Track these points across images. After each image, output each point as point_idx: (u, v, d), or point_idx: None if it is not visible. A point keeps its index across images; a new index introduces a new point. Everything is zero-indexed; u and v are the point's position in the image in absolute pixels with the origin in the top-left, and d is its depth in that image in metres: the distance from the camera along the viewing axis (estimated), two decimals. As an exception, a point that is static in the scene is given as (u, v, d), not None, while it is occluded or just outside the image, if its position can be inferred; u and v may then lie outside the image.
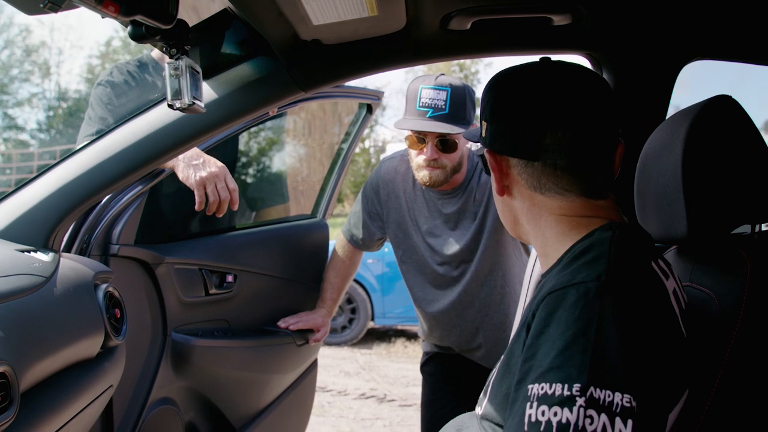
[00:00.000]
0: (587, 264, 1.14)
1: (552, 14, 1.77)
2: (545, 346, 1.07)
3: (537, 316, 1.13)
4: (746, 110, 1.38)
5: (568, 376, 1.02)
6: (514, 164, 1.32)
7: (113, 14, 1.24)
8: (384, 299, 9.23)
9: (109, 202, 2.25)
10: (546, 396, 1.02)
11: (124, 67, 2.84)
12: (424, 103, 2.57)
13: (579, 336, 1.04)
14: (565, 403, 1.00)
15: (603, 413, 0.99)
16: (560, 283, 1.13)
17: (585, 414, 0.99)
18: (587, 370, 1.01)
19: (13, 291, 1.48)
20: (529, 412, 1.03)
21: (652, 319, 1.09)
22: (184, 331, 2.55)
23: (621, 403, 0.99)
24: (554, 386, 1.02)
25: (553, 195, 1.29)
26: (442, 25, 1.80)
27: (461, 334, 2.82)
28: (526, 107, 1.28)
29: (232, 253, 2.76)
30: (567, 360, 1.03)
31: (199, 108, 1.61)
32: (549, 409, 1.01)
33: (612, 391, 1.00)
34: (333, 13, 1.61)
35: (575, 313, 1.07)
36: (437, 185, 2.67)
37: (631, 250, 1.19)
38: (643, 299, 1.10)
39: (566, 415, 0.99)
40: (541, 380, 1.04)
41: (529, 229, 1.36)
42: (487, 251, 2.72)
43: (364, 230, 2.99)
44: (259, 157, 4.37)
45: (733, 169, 1.34)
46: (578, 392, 1.00)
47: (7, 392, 1.29)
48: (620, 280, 1.10)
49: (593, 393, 1.00)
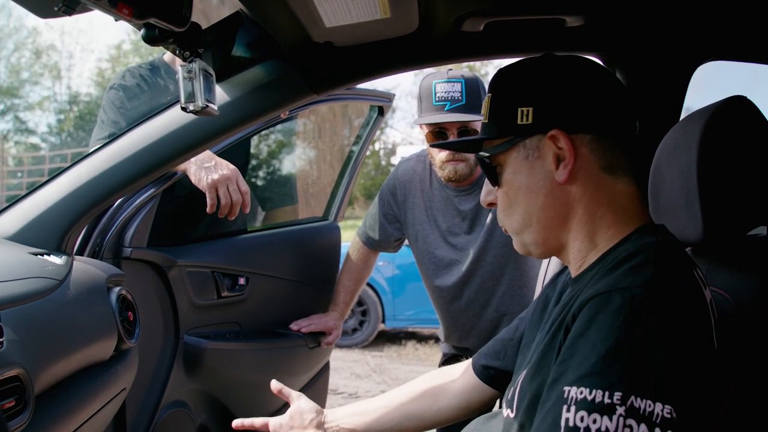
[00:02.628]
0: (633, 269, 1.11)
1: (565, 15, 1.76)
2: (585, 349, 1.06)
3: (579, 318, 1.11)
4: (761, 111, 1.37)
5: (609, 383, 1.00)
6: (586, 142, 1.25)
7: (127, 17, 1.24)
8: (395, 301, 9.23)
9: (122, 205, 2.25)
10: (585, 401, 1.01)
11: (136, 71, 2.85)
12: (441, 97, 2.58)
13: (622, 343, 1.02)
14: (606, 410, 0.99)
15: (643, 423, 0.98)
16: (604, 287, 1.10)
17: (625, 423, 0.98)
18: (629, 378, 1.00)
19: (27, 294, 1.48)
20: (567, 416, 1.02)
21: (695, 330, 1.07)
22: (197, 334, 2.55)
23: (661, 414, 0.98)
24: (594, 392, 1.01)
25: (621, 176, 1.26)
26: (454, 27, 1.79)
27: (480, 333, 2.81)
28: (592, 79, 1.27)
29: (244, 255, 2.76)
30: (609, 366, 1.02)
31: (212, 110, 1.61)
32: (588, 416, 1.00)
33: (653, 401, 0.99)
34: (346, 16, 1.60)
35: (619, 318, 1.05)
36: (463, 179, 2.68)
37: (676, 257, 1.17)
38: (688, 309, 1.08)
39: (606, 423, 0.98)
40: (580, 384, 1.03)
41: (577, 228, 1.28)
42: (503, 248, 2.71)
43: (380, 232, 2.99)
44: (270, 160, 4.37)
45: (749, 170, 1.33)
46: (619, 400, 0.99)
47: (22, 395, 1.29)
48: (666, 288, 1.08)
49: (634, 402, 0.98)
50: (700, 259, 1.50)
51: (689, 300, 1.10)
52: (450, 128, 2.61)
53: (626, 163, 1.27)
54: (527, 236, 1.34)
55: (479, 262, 2.75)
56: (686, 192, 1.35)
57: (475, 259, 2.75)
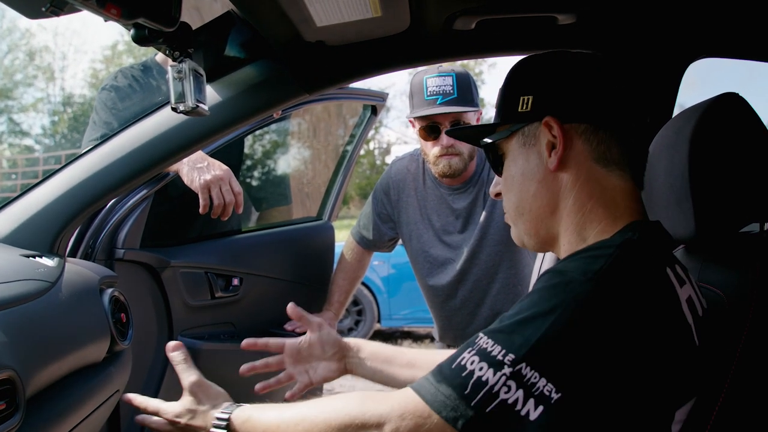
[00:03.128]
0: (586, 258, 1.14)
1: (557, 13, 1.76)
2: (513, 310, 1.13)
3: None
4: (755, 108, 1.37)
5: (510, 344, 1.07)
6: (580, 132, 1.26)
7: (115, 17, 1.24)
8: (390, 301, 9.24)
9: (114, 206, 2.25)
10: (484, 351, 1.09)
11: (128, 72, 2.84)
12: (432, 92, 2.59)
13: (541, 315, 1.07)
14: (494, 365, 1.06)
15: (521, 389, 1.04)
16: (554, 267, 1.16)
17: (505, 382, 1.04)
18: (529, 347, 1.05)
19: (18, 297, 1.47)
20: (464, 356, 1.11)
21: (632, 328, 1.08)
22: (191, 335, 2.55)
23: (542, 389, 1.03)
24: (494, 346, 1.09)
25: (614, 170, 1.25)
26: (446, 26, 1.79)
27: (475, 332, 2.80)
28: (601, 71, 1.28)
29: (238, 256, 2.76)
30: (518, 330, 1.08)
31: (203, 111, 1.60)
32: (478, 362, 1.08)
33: (540, 375, 1.03)
34: (337, 15, 1.60)
35: (550, 294, 1.10)
36: (457, 173, 2.68)
37: (642, 255, 1.17)
38: (629, 307, 1.09)
39: (488, 375, 1.06)
40: (490, 336, 1.11)
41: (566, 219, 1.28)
42: (497, 246, 2.71)
43: (374, 232, 2.99)
44: (264, 160, 4.37)
45: (741, 167, 1.33)
46: (510, 362, 1.05)
47: (13, 398, 1.28)
48: (608, 282, 1.09)
49: (522, 369, 1.04)
50: (692, 256, 1.50)
51: (637, 299, 1.10)
52: (443, 122, 2.62)
53: (621, 158, 1.26)
54: (521, 225, 1.37)
55: (473, 260, 2.75)
56: (678, 189, 1.35)
57: (469, 258, 2.74)
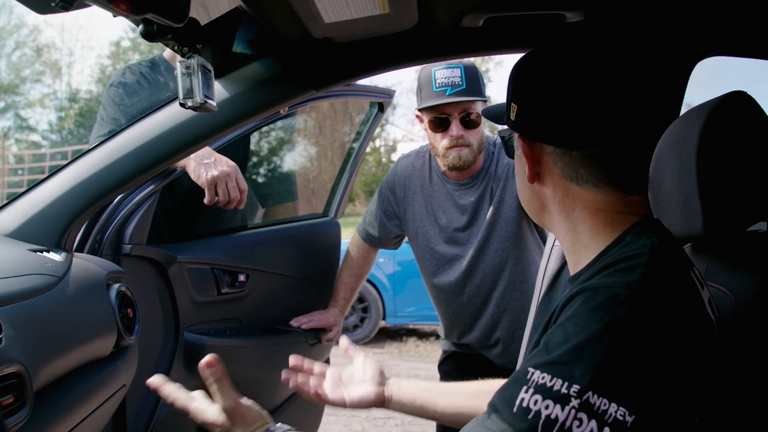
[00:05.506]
0: (622, 270, 1.12)
1: (565, 11, 1.76)
2: (560, 338, 1.07)
3: (564, 311, 1.12)
4: (763, 107, 1.36)
5: (571, 375, 1.02)
6: (549, 151, 1.25)
7: (125, 13, 1.24)
8: (395, 298, 9.25)
9: (121, 202, 2.25)
10: (544, 387, 1.03)
11: (136, 68, 2.84)
12: (441, 83, 2.60)
13: (594, 339, 1.03)
14: (560, 400, 1.01)
15: (594, 419, 0.99)
16: (591, 284, 1.11)
17: (575, 416, 0.99)
18: (591, 374, 1.01)
19: (26, 291, 1.48)
20: (523, 396, 1.04)
21: (679, 336, 1.07)
22: (197, 331, 2.55)
23: (614, 415, 0.99)
24: (555, 380, 1.02)
25: (590, 187, 1.23)
26: (454, 23, 1.79)
27: (481, 329, 2.81)
28: (566, 89, 1.22)
29: (244, 252, 2.76)
30: (575, 359, 1.03)
31: (211, 107, 1.60)
32: (542, 400, 1.02)
33: (609, 401, 0.99)
34: (345, 11, 1.60)
35: (597, 315, 1.05)
36: (467, 165, 2.69)
37: (671, 259, 1.16)
38: (673, 315, 1.08)
39: (557, 412, 1.00)
40: (544, 370, 1.05)
41: (557, 220, 1.30)
42: (504, 243, 2.71)
43: (380, 229, 2.99)
44: (270, 157, 4.38)
45: (749, 166, 1.32)
46: (575, 393, 1.00)
47: (21, 392, 1.29)
48: (651, 291, 1.08)
49: (590, 398, 1.00)
50: (700, 255, 1.49)
51: (678, 305, 1.09)
52: (452, 113, 2.63)
53: (592, 176, 1.23)
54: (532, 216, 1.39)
55: (480, 256, 2.75)
56: (686, 187, 1.35)
57: (476, 254, 2.75)
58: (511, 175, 2.70)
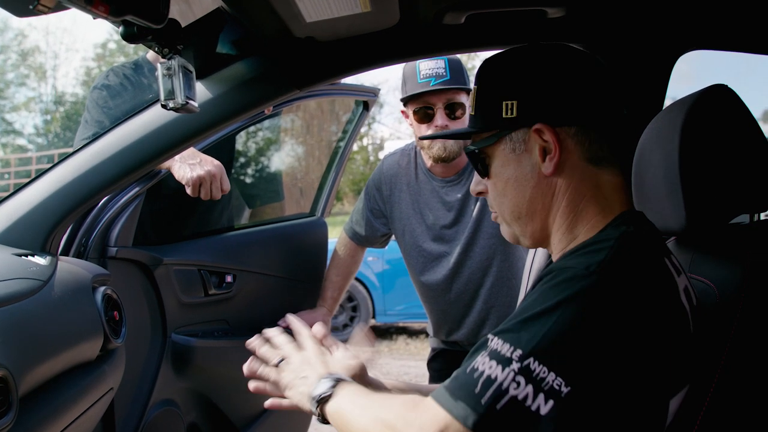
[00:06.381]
0: (587, 253, 1.16)
1: (546, 6, 1.76)
2: (521, 309, 1.14)
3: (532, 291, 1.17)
4: (744, 100, 1.37)
5: (518, 341, 1.08)
6: (571, 134, 1.26)
7: (104, 14, 1.23)
8: (385, 297, 9.24)
9: (107, 204, 2.24)
10: (495, 351, 1.10)
11: (120, 70, 2.84)
12: (425, 75, 2.63)
13: (546, 311, 1.09)
14: (503, 362, 1.07)
15: (530, 384, 1.04)
16: (556, 265, 1.17)
17: (513, 378, 1.05)
18: (535, 343, 1.06)
19: (11, 295, 1.47)
20: (477, 359, 1.11)
21: (636, 317, 1.09)
22: (184, 332, 2.55)
23: (551, 383, 1.04)
24: (504, 345, 1.09)
25: (605, 167, 1.26)
26: (435, 20, 1.79)
27: (469, 326, 2.82)
28: (578, 71, 1.27)
29: (231, 253, 2.76)
30: (526, 327, 1.09)
31: (192, 107, 1.60)
32: (489, 361, 1.09)
33: (548, 369, 1.05)
34: (326, 10, 1.60)
35: (556, 290, 1.11)
36: (452, 157, 2.70)
37: (640, 245, 1.18)
38: (632, 296, 1.10)
39: (497, 372, 1.06)
40: (500, 336, 1.11)
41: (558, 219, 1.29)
42: (490, 239, 2.72)
43: (367, 227, 2.99)
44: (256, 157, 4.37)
45: (731, 159, 1.33)
46: (518, 357, 1.06)
47: (6, 397, 1.28)
48: (610, 273, 1.11)
49: (530, 364, 1.05)
50: (683, 248, 1.50)
51: (639, 287, 1.12)
52: (436, 103, 2.65)
53: (611, 154, 1.27)
54: (517, 227, 1.37)
55: (467, 253, 2.75)
56: (669, 181, 1.35)
57: (463, 251, 2.75)
58: None
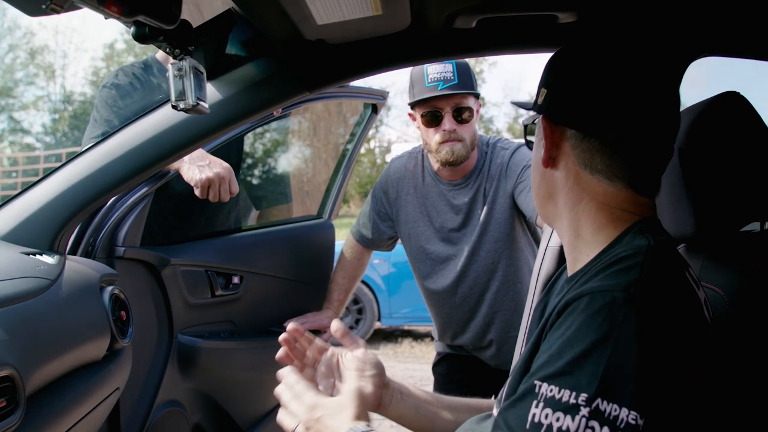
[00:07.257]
0: (619, 272, 1.11)
1: (557, 12, 1.76)
2: (562, 347, 1.07)
3: (562, 317, 1.12)
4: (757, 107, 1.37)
5: (578, 384, 1.02)
6: (568, 136, 1.26)
7: (116, 15, 1.23)
8: (390, 300, 9.24)
9: (115, 204, 2.25)
10: (553, 400, 1.03)
11: (129, 70, 2.84)
12: (433, 78, 2.63)
13: (597, 345, 1.03)
14: (570, 410, 1.01)
15: (606, 426, 0.99)
16: (588, 289, 1.11)
17: (587, 424, 1.00)
18: (598, 381, 1.01)
19: (19, 294, 1.47)
20: (534, 411, 1.04)
21: (681, 336, 1.07)
22: (191, 333, 2.55)
23: (626, 419, 0.99)
24: (563, 391, 1.03)
25: (602, 178, 1.24)
26: (446, 24, 1.78)
27: (474, 330, 2.82)
28: (598, 79, 1.25)
29: (238, 254, 2.76)
30: (580, 367, 1.03)
31: (203, 108, 1.60)
32: (553, 413, 1.02)
33: (619, 406, 1.00)
34: (337, 13, 1.60)
35: (597, 320, 1.05)
36: (460, 160, 2.70)
37: (668, 260, 1.16)
38: (674, 314, 1.08)
39: (567, 423, 1.00)
40: (552, 382, 1.05)
41: (563, 211, 1.30)
42: (496, 243, 2.72)
43: (373, 230, 2.99)
44: (264, 158, 4.37)
45: (741, 166, 1.33)
46: (584, 402, 1.00)
47: (13, 396, 1.28)
48: (650, 292, 1.07)
49: (599, 405, 1.00)
50: (694, 255, 1.50)
51: (677, 305, 1.09)
52: (444, 107, 2.65)
53: (606, 168, 1.24)
54: (536, 200, 1.40)
55: (474, 257, 2.75)
56: (679, 188, 1.35)
57: (469, 255, 2.75)
58: (504, 175, 2.71)
